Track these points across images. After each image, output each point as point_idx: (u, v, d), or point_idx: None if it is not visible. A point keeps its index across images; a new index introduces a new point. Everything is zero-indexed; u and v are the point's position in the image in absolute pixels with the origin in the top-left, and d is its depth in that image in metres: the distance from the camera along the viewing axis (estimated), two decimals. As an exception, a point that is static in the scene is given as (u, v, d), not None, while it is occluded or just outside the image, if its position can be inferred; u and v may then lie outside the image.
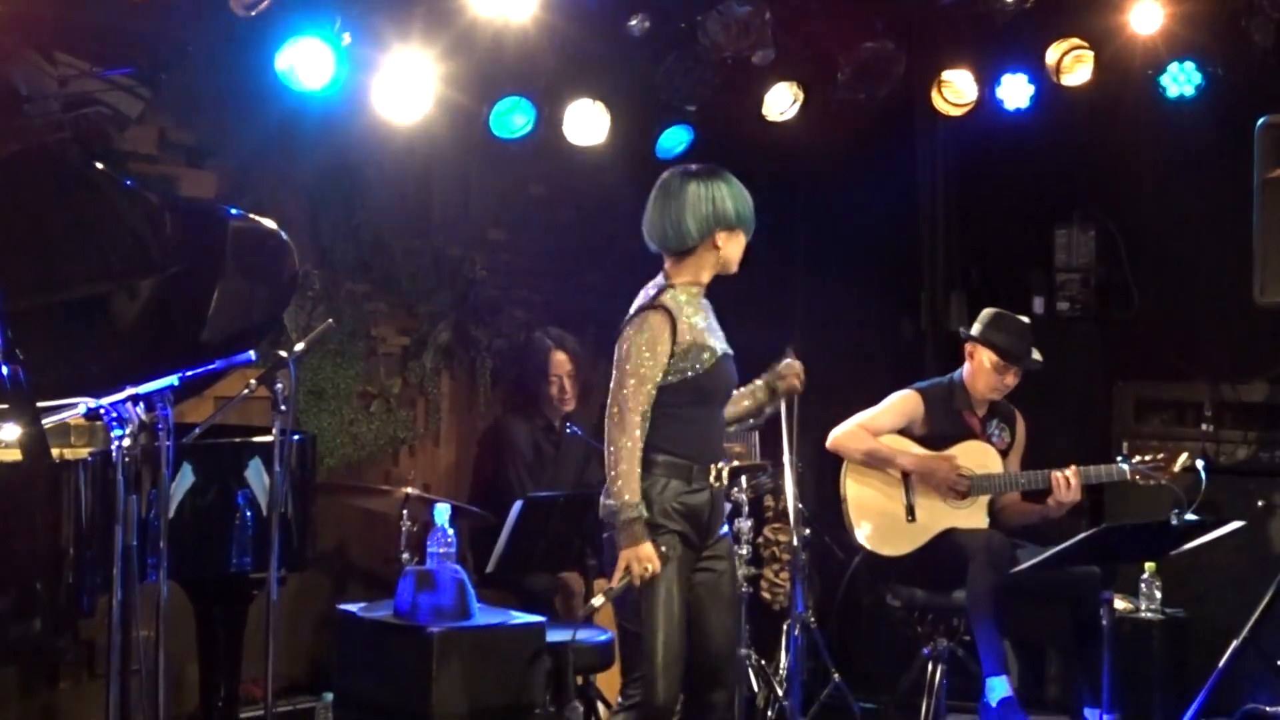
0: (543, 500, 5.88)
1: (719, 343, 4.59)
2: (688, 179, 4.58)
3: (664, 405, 4.48)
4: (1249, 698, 6.15)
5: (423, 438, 7.05)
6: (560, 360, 6.58)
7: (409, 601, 5.14)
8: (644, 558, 4.35)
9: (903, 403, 6.14)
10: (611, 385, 4.49)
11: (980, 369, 6.08)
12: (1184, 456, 5.86)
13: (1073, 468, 5.89)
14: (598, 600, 4.46)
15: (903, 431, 6.10)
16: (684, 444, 4.49)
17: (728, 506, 4.86)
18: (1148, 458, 5.88)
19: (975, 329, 6.12)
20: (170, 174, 6.18)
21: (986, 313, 6.16)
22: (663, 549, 4.37)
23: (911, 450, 6.05)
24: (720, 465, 4.56)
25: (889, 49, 6.68)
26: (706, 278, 4.63)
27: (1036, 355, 6.05)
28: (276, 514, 4.87)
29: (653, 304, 4.52)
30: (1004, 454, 6.13)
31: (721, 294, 4.77)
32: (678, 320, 4.49)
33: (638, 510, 4.37)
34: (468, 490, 6.82)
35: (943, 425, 6.10)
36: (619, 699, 4.56)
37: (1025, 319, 6.16)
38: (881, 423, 6.10)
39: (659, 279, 4.63)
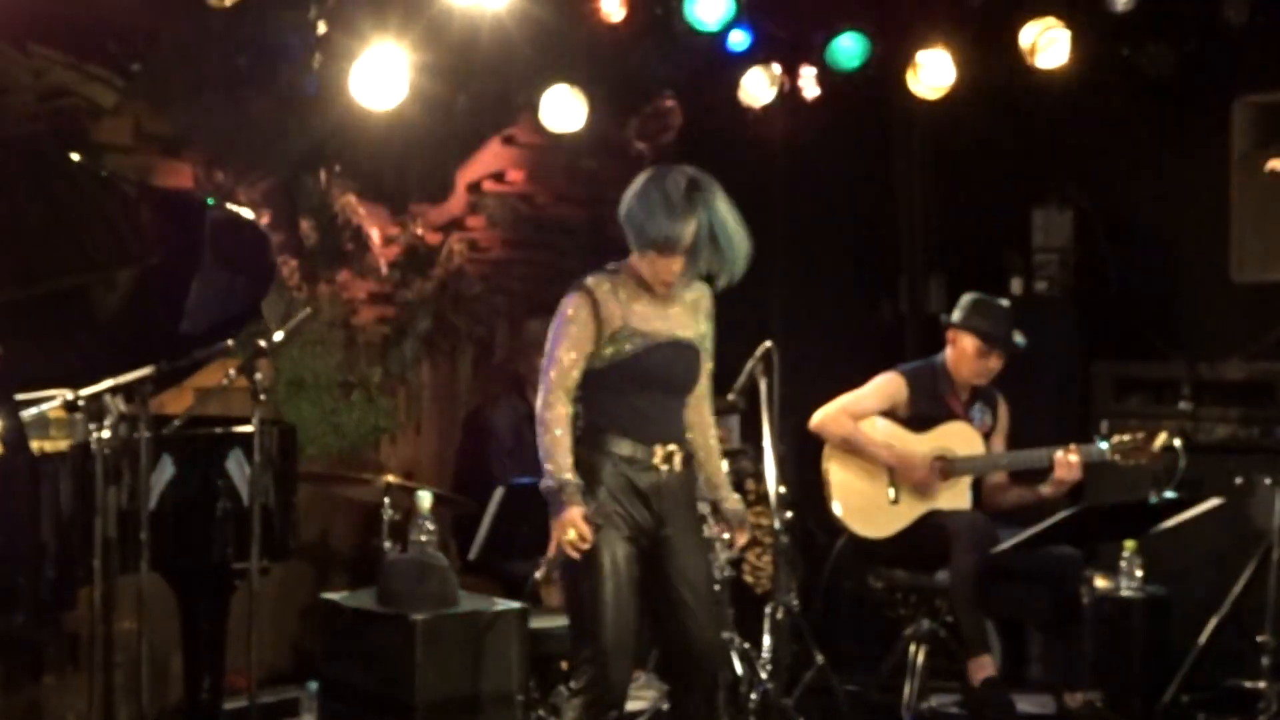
0: (524, 487, 5.87)
1: (663, 330, 4.53)
2: (650, 169, 4.55)
3: (604, 387, 4.49)
4: (1230, 674, 6.18)
5: (404, 426, 7.04)
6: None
7: (392, 589, 5.14)
8: (568, 522, 4.33)
9: (886, 385, 6.15)
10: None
11: (963, 355, 6.08)
12: (1163, 436, 5.88)
13: (1073, 446, 5.90)
14: (539, 574, 4.48)
15: (886, 414, 6.11)
16: (625, 425, 4.49)
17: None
18: (1126, 437, 5.90)
19: (956, 315, 6.12)
20: (146, 165, 6.16)
21: (966, 298, 6.16)
22: (589, 513, 4.34)
23: (891, 440, 6.05)
24: (672, 447, 4.52)
25: (865, 31, 6.70)
26: (637, 274, 4.54)
27: (1019, 338, 6.06)
28: (258, 504, 4.86)
29: (577, 285, 4.52)
30: (987, 436, 6.14)
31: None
32: (603, 303, 4.47)
33: (560, 480, 4.37)
34: (449, 478, 6.82)
35: (925, 408, 6.11)
36: (570, 682, 4.54)
37: (1005, 302, 6.16)
38: (865, 405, 6.11)
39: (619, 261, 4.62)
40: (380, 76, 6.02)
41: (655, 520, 4.51)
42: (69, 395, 4.46)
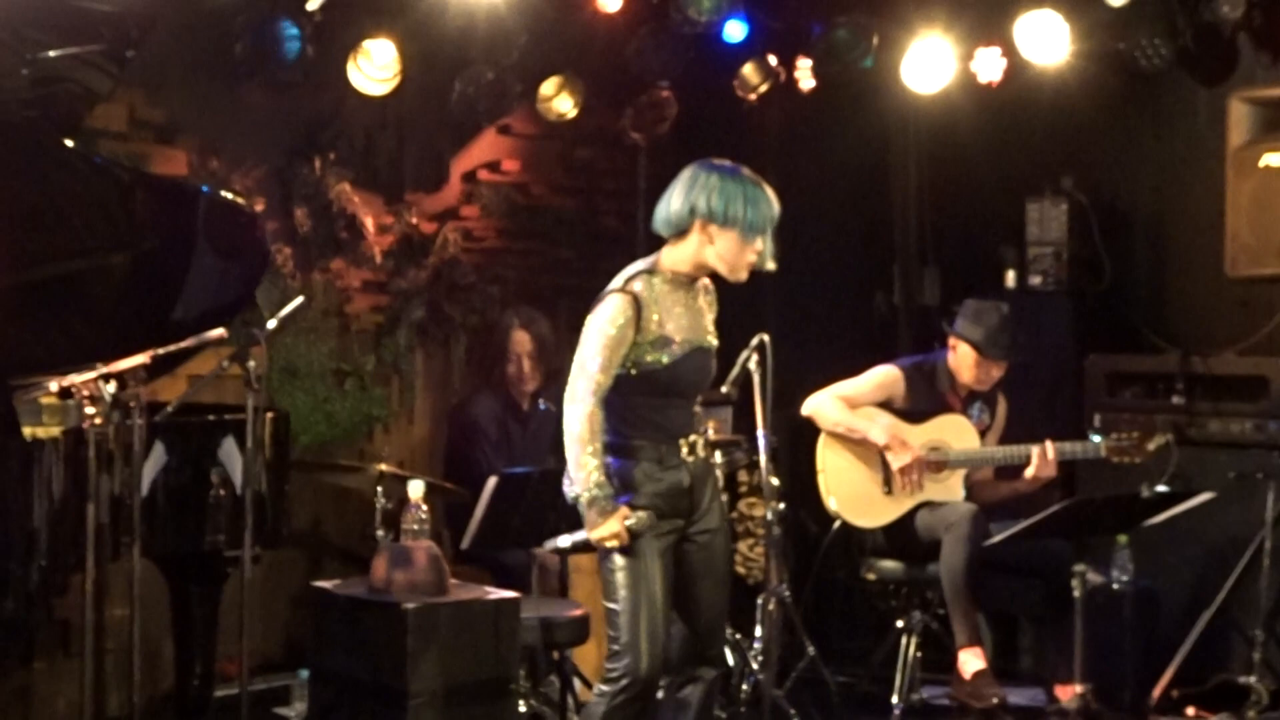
0: (517, 476, 5.87)
1: (694, 336, 4.54)
2: (698, 165, 4.54)
3: (630, 394, 4.47)
4: (1220, 668, 6.19)
5: (397, 415, 7.04)
6: (520, 339, 6.55)
7: (384, 578, 5.14)
8: (612, 535, 4.37)
9: (883, 378, 6.14)
10: (573, 366, 4.49)
11: (963, 362, 6.08)
12: (1158, 438, 5.89)
13: (1049, 442, 5.91)
14: (564, 541, 4.51)
15: (881, 405, 6.11)
16: (653, 429, 4.49)
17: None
18: (1121, 435, 5.90)
19: (956, 322, 6.10)
20: (141, 151, 6.15)
21: (969, 305, 6.12)
22: (630, 522, 4.36)
23: (885, 420, 6.04)
24: (694, 438, 4.54)
25: (861, 23, 6.70)
26: (695, 269, 4.54)
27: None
28: (250, 492, 4.86)
29: (623, 288, 4.47)
30: (982, 435, 6.14)
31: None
32: (645, 309, 4.44)
33: (596, 491, 4.38)
34: (442, 467, 6.82)
35: (923, 403, 6.11)
36: (603, 675, 4.55)
37: (1006, 307, 6.12)
38: (860, 396, 6.10)
39: (648, 260, 4.58)
40: (375, 65, 6.01)
41: (690, 509, 4.55)
42: (62, 381, 4.46)
